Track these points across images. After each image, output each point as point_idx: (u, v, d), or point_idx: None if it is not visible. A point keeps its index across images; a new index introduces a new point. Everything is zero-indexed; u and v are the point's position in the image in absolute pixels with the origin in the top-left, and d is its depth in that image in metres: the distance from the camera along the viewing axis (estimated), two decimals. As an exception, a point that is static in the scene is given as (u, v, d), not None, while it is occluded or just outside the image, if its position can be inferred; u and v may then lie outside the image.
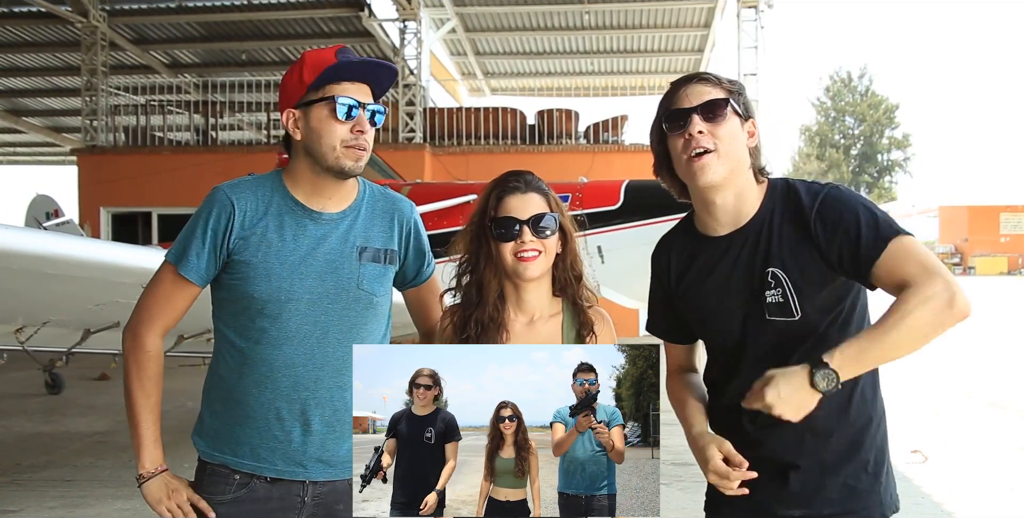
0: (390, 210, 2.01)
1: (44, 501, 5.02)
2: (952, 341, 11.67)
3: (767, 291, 1.71)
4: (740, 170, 1.76)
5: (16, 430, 7.35)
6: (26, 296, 4.29)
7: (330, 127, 1.84)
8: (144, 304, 1.92)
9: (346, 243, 1.91)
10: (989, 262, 40.21)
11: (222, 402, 1.92)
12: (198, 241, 1.87)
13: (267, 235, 1.87)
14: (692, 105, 1.74)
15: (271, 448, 1.87)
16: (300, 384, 1.87)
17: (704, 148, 1.72)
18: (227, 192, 1.89)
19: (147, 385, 1.89)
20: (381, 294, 1.96)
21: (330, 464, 1.90)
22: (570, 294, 1.96)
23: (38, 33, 16.91)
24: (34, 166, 31.96)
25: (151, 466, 1.87)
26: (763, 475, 1.70)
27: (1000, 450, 6.23)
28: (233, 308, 1.90)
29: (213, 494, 1.89)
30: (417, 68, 14.45)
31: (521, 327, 1.93)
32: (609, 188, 6.81)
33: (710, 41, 17.52)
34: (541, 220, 1.89)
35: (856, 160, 53.12)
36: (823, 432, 1.74)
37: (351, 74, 1.85)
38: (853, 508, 1.74)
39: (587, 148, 14.29)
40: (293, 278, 1.85)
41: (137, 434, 1.88)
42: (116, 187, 13.79)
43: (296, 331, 1.86)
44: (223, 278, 1.90)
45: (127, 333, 1.92)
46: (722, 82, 1.77)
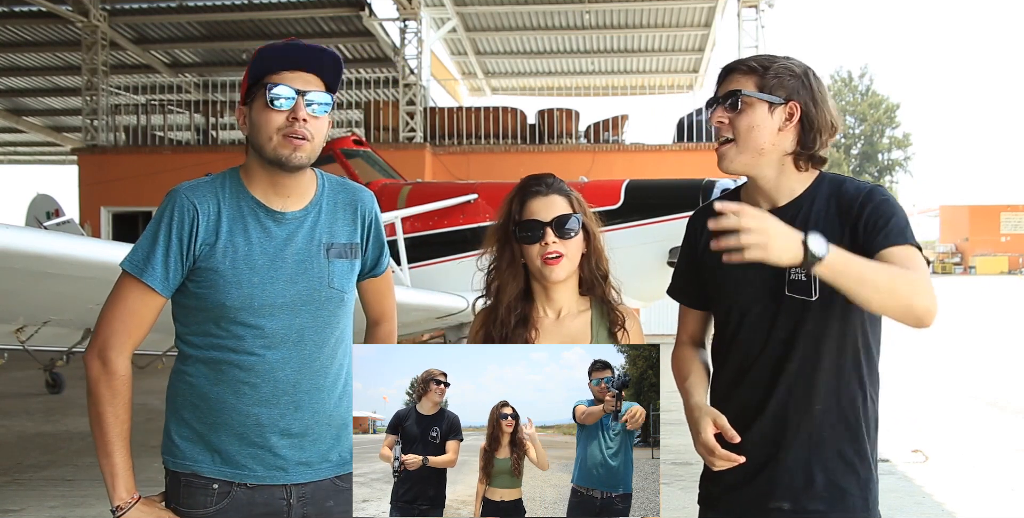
0: (352, 202, 1.94)
1: (45, 500, 5.02)
2: (952, 341, 11.66)
3: (792, 269, 1.73)
4: (766, 156, 1.78)
5: (17, 429, 7.36)
6: (26, 296, 4.29)
7: (265, 116, 1.77)
8: (108, 323, 1.80)
9: (312, 241, 1.85)
10: (990, 262, 40.23)
11: (192, 409, 1.83)
12: (161, 248, 1.77)
13: (233, 239, 1.79)
14: (719, 95, 1.80)
15: (250, 454, 1.81)
16: (279, 388, 1.81)
17: (724, 137, 1.78)
18: (187, 195, 1.81)
19: (121, 411, 1.79)
20: (349, 290, 1.92)
21: (311, 466, 1.85)
22: (598, 292, 1.99)
23: (38, 33, 16.91)
24: (34, 166, 31.97)
25: (127, 495, 1.77)
26: (753, 466, 1.74)
27: (1000, 450, 6.23)
28: (202, 316, 1.82)
29: (192, 508, 1.81)
30: (417, 68, 14.45)
31: (550, 324, 1.96)
32: (609, 188, 6.81)
33: (710, 41, 17.51)
34: (565, 222, 1.91)
35: (857, 159, 53.13)
36: (817, 427, 1.76)
37: (288, 62, 1.78)
38: (840, 507, 1.76)
39: (588, 148, 14.28)
40: (264, 283, 1.79)
41: (111, 463, 1.77)
42: (117, 187, 13.80)
43: (272, 335, 1.80)
44: (188, 287, 1.81)
45: (93, 358, 1.79)
46: (756, 69, 1.77)
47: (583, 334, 1.95)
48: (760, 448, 1.77)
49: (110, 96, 15.27)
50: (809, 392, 1.76)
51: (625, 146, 14.46)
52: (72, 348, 5.81)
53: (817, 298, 1.72)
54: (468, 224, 6.89)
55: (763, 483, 1.79)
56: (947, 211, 45.55)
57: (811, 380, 1.76)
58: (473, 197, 7.02)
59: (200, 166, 13.36)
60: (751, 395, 1.80)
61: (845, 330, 1.76)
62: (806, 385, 1.76)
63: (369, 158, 8.22)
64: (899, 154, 53.74)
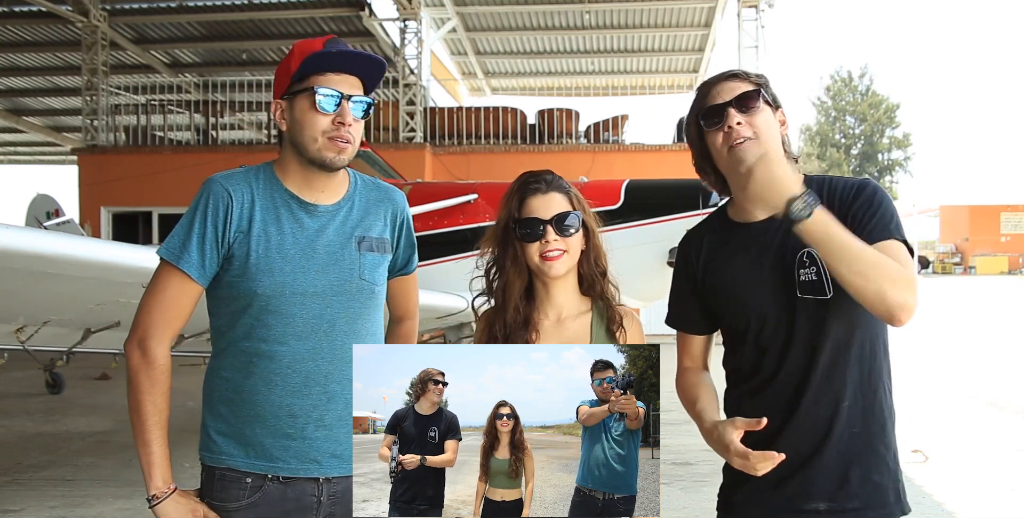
0: (383, 200, 1.99)
1: (45, 500, 5.02)
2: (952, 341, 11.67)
3: (801, 270, 1.75)
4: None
5: (17, 430, 7.35)
6: (26, 296, 4.29)
7: (312, 118, 1.81)
8: (147, 313, 1.82)
9: (343, 234, 1.89)
10: (990, 262, 40.25)
11: (228, 403, 1.86)
12: (196, 235, 1.80)
13: (266, 228, 1.83)
14: (726, 100, 1.79)
15: (283, 446, 1.83)
16: (311, 379, 1.83)
17: (744, 137, 1.77)
18: (222, 183, 1.84)
19: (159, 400, 1.81)
20: (380, 283, 1.95)
21: (344, 459, 1.86)
22: (597, 290, 1.98)
23: (38, 33, 16.92)
24: (34, 166, 31.98)
25: (164, 485, 1.80)
26: (787, 467, 1.71)
27: (1000, 450, 6.23)
28: (235, 306, 1.84)
29: (225, 501, 1.84)
30: (417, 68, 14.45)
31: (550, 325, 1.95)
32: (609, 188, 6.81)
33: (710, 41, 17.51)
34: (564, 219, 1.90)
35: (857, 159, 53.13)
36: (847, 423, 1.75)
37: (335, 65, 1.82)
38: (876, 502, 1.75)
39: (587, 148, 14.29)
40: (296, 272, 1.82)
41: (148, 452, 1.79)
42: (117, 187, 13.80)
43: (303, 326, 1.83)
44: (221, 276, 1.84)
45: (133, 346, 1.81)
46: (750, 76, 1.83)
47: (583, 336, 1.94)
48: (793, 450, 1.74)
49: (110, 96, 15.27)
50: (836, 389, 1.75)
51: (625, 146, 14.47)
52: (72, 348, 5.80)
53: (832, 295, 1.72)
54: (468, 224, 6.89)
55: (797, 485, 1.76)
56: (947, 211, 45.55)
57: (837, 377, 1.75)
58: (473, 197, 7.02)
59: (200, 166, 13.40)
60: (778, 401, 1.78)
61: (864, 325, 1.76)
62: (833, 383, 1.75)
63: (369, 158, 8.22)
64: (899, 154, 53.75)
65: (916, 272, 1.69)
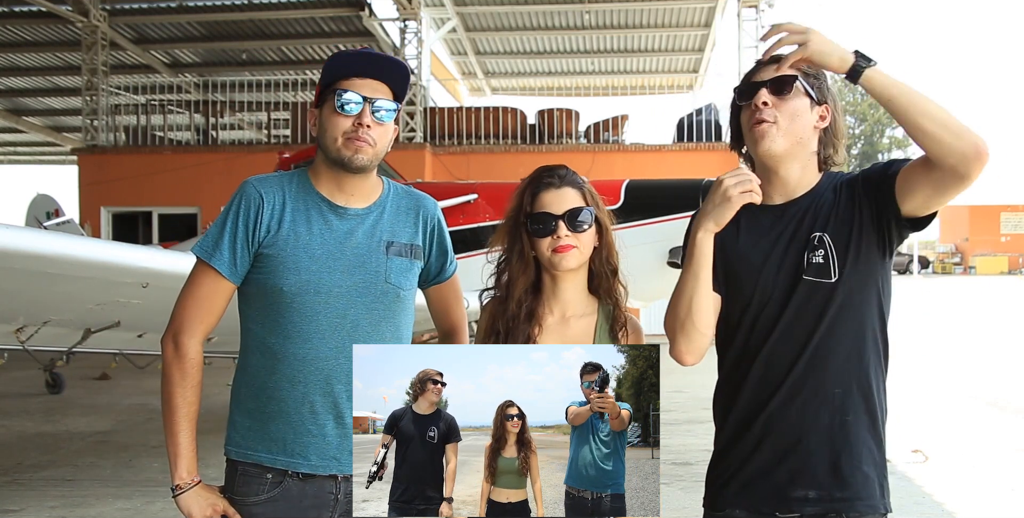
0: (415, 207, 2.03)
1: (45, 500, 5.02)
2: (952, 341, 11.66)
3: (810, 252, 1.76)
4: (803, 147, 1.81)
5: (17, 430, 7.35)
6: (26, 296, 4.29)
7: (333, 120, 1.88)
8: (182, 309, 1.90)
9: (372, 238, 1.93)
10: (990, 262, 40.27)
11: (253, 399, 1.91)
12: (228, 234, 1.88)
13: (296, 228, 1.88)
14: (763, 79, 1.81)
15: (305, 443, 1.87)
16: (333, 377, 1.87)
17: (763, 120, 1.78)
18: (255, 185, 1.92)
19: (190, 394, 1.88)
20: (408, 288, 1.97)
21: None
22: (606, 287, 1.97)
23: (38, 33, 16.92)
24: (34, 166, 32.01)
25: (188, 477, 1.86)
26: (776, 453, 1.74)
27: (1000, 450, 6.23)
28: (261, 303, 1.90)
29: (246, 495, 1.88)
30: (418, 68, 14.45)
31: (554, 322, 1.94)
32: (609, 188, 6.81)
33: (710, 41, 17.52)
34: (577, 215, 1.89)
35: (857, 159, 53.13)
36: (839, 410, 1.75)
37: (359, 69, 1.88)
38: (865, 494, 1.76)
39: (588, 148, 14.28)
40: (322, 271, 1.86)
41: (175, 443, 1.86)
42: (117, 187, 13.80)
43: (327, 325, 1.87)
44: (251, 274, 1.90)
45: (167, 341, 1.90)
46: (802, 67, 1.82)
47: (586, 337, 1.93)
48: (782, 436, 1.76)
49: (110, 96, 15.27)
50: (829, 376, 1.76)
51: (625, 146, 14.47)
52: (72, 348, 5.80)
53: (836, 279, 1.74)
54: (468, 224, 6.88)
55: (785, 472, 1.77)
56: (947, 211, 45.51)
57: (831, 363, 1.76)
58: (473, 197, 7.02)
59: (200, 166, 13.44)
60: (770, 383, 1.78)
61: (864, 315, 1.77)
62: (826, 370, 1.76)
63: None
64: (899, 154, 53.71)
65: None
